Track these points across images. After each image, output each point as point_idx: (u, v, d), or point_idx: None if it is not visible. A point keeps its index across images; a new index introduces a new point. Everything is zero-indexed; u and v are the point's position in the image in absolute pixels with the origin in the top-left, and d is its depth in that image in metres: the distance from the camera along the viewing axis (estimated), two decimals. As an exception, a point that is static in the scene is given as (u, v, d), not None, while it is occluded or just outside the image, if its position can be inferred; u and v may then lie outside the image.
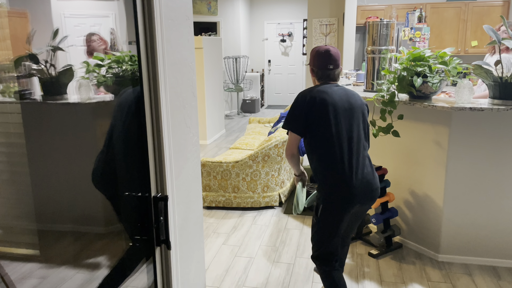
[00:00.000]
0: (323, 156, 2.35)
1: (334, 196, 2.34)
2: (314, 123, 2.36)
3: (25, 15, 1.36)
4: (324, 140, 2.35)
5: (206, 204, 4.47)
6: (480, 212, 3.17)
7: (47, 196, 1.60)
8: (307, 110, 2.37)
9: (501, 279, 3.04)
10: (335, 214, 2.36)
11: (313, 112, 2.36)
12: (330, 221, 2.38)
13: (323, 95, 2.38)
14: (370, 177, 2.38)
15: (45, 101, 1.51)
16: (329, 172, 2.34)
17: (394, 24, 3.58)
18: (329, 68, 2.48)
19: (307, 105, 2.37)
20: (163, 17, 1.30)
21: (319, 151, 2.37)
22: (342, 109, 2.38)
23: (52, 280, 1.64)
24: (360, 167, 2.35)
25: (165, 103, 1.34)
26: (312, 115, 2.36)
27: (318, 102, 2.35)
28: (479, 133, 3.04)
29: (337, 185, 2.32)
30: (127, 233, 1.59)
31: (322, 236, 2.44)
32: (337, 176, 2.31)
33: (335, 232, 2.39)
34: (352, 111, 2.41)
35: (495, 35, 2.76)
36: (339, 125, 2.35)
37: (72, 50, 1.54)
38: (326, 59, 2.47)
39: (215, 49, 7.52)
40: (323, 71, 2.49)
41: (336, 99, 2.38)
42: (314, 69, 2.53)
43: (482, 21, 6.50)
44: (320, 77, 2.51)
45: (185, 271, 1.61)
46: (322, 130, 2.35)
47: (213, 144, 7.27)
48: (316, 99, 2.36)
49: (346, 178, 2.30)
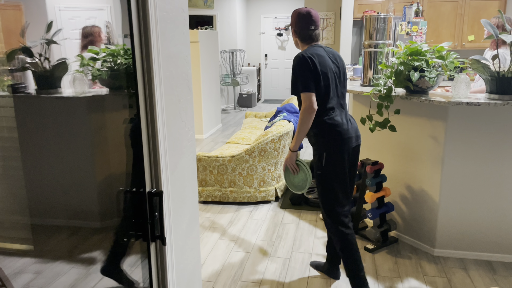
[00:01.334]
0: (325, 109, 2.63)
1: (336, 140, 2.63)
2: (318, 81, 2.58)
3: (19, 8, 1.34)
4: (326, 96, 2.62)
5: (202, 199, 4.46)
6: (475, 207, 3.17)
7: (41, 190, 1.58)
8: (314, 70, 2.56)
9: (496, 273, 3.05)
10: (340, 155, 2.64)
11: (318, 71, 2.56)
12: (336, 163, 2.65)
13: (320, 58, 2.59)
14: (355, 124, 2.78)
15: (39, 95, 1.49)
16: (331, 122, 2.63)
17: (391, 18, 3.56)
18: (311, 29, 2.66)
19: (312, 65, 2.56)
20: (157, 10, 1.28)
21: (321, 107, 2.62)
22: (335, 69, 2.68)
23: (47, 275, 1.63)
24: (348, 116, 2.76)
25: (160, 97, 1.32)
26: (317, 74, 2.56)
27: (320, 63, 2.57)
28: (475, 128, 3.03)
29: (338, 131, 2.63)
30: (122, 228, 1.58)
31: (332, 184, 2.68)
32: (337, 124, 2.63)
33: (344, 173, 2.68)
34: (341, 71, 2.72)
35: (493, 30, 2.75)
36: (335, 83, 2.66)
37: (67, 43, 1.52)
38: (308, 20, 2.66)
39: (212, 43, 7.48)
40: (306, 32, 2.67)
41: (331, 60, 2.65)
42: (296, 30, 2.70)
43: (479, 16, 6.48)
44: (303, 38, 2.69)
45: (181, 266, 1.60)
46: (324, 87, 2.60)
47: (210, 139, 7.25)
48: (317, 60, 2.57)
49: (343, 124, 2.65)
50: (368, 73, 3.68)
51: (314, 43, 2.70)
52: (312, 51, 2.62)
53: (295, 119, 4.92)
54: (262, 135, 4.32)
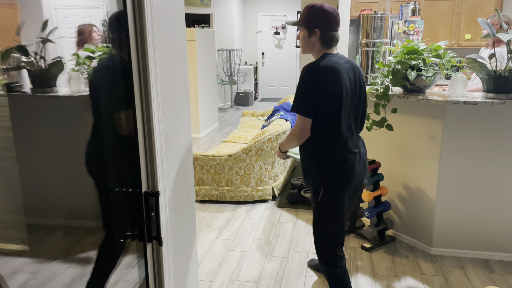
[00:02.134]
0: (329, 138, 2.22)
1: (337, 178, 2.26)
2: (324, 105, 2.16)
3: (14, 6, 1.33)
4: (331, 123, 2.20)
5: (199, 198, 4.45)
6: (472, 206, 3.18)
7: (37, 190, 1.57)
8: (320, 92, 2.13)
9: (493, 272, 3.06)
10: (340, 194, 2.28)
11: (326, 94, 2.14)
12: (335, 203, 2.29)
13: (335, 73, 2.14)
14: (365, 155, 2.38)
15: (35, 94, 1.48)
16: (333, 156, 2.24)
17: (388, 17, 3.55)
18: (337, 30, 2.23)
19: (320, 85, 2.13)
20: (153, 8, 1.27)
21: (325, 134, 2.22)
22: (352, 89, 2.22)
23: (42, 275, 1.62)
24: (360, 146, 2.34)
25: (156, 96, 1.31)
26: (324, 97, 2.14)
27: (331, 82, 2.13)
28: (472, 127, 3.04)
29: (342, 168, 2.25)
30: (118, 229, 1.57)
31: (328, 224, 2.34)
32: (340, 160, 2.24)
33: (342, 212, 2.32)
34: (360, 91, 2.30)
35: (490, 28, 2.75)
36: (349, 105, 2.22)
37: (63, 41, 1.51)
38: (336, 20, 2.21)
39: (208, 42, 7.46)
40: (332, 34, 2.21)
41: (346, 78, 2.18)
42: (320, 30, 2.21)
43: (475, 14, 6.49)
44: (328, 40, 2.22)
45: (177, 267, 1.60)
46: (331, 113, 2.17)
47: (206, 138, 7.24)
48: (328, 78, 2.13)
49: (349, 161, 2.24)
50: (365, 72, 3.67)
51: (331, 50, 2.27)
52: (328, 62, 2.16)
53: (292, 118, 4.91)
54: (259, 134, 4.32)
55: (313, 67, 2.17)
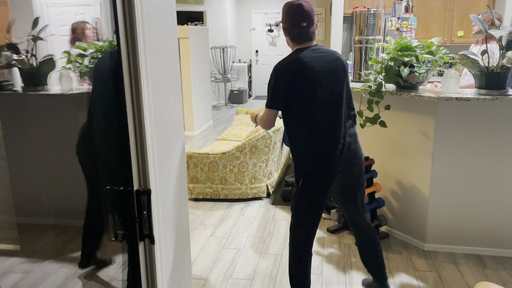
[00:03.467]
0: (305, 129, 2.27)
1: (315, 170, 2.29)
2: (294, 99, 2.23)
3: (5, 3, 1.31)
4: (305, 114, 2.24)
5: (193, 196, 4.44)
6: (465, 202, 3.19)
7: (27, 190, 1.56)
8: (286, 86, 2.21)
9: (486, 267, 3.07)
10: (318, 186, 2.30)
11: (293, 87, 2.21)
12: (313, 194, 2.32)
13: (299, 67, 2.19)
14: (353, 147, 2.33)
15: (25, 92, 1.47)
16: (309, 148, 2.28)
17: (381, 13, 3.56)
18: (302, 26, 2.24)
19: (286, 80, 2.20)
20: (143, 5, 1.26)
21: (300, 125, 2.27)
22: (328, 80, 2.24)
23: (35, 275, 1.61)
24: (347, 136, 2.31)
25: (147, 94, 1.30)
26: (292, 90, 2.21)
27: (295, 76, 2.19)
28: (465, 123, 3.05)
29: (318, 160, 2.27)
30: (110, 228, 1.56)
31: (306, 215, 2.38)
32: (317, 151, 2.26)
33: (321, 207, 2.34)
34: (340, 82, 2.29)
35: (482, 25, 2.76)
36: (321, 98, 2.23)
37: (54, 39, 1.49)
38: (299, 15, 2.24)
39: (202, 39, 7.43)
40: (297, 30, 2.26)
41: (316, 69, 2.21)
42: (286, 27, 2.30)
43: (468, 11, 6.52)
44: (294, 36, 2.28)
45: (170, 265, 1.59)
46: (303, 105, 2.23)
47: (201, 135, 7.22)
48: (291, 73, 2.19)
49: (329, 149, 2.25)
50: (358, 69, 3.68)
51: (305, 44, 2.29)
52: (294, 58, 2.23)
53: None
54: (253, 131, 4.31)
55: (278, 64, 2.27)
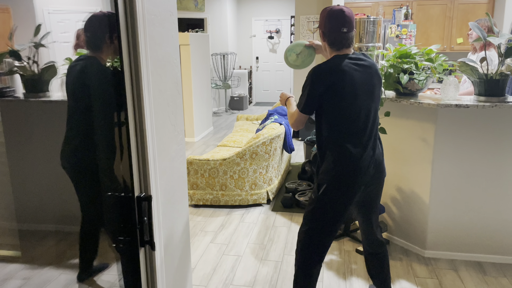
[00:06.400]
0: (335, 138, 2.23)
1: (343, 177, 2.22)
2: (329, 106, 2.20)
3: (7, 11, 1.32)
4: (334, 122, 2.22)
5: (193, 202, 4.44)
6: (465, 208, 3.19)
7: (29, 196, 1.56)
8: (322, 93, 2.18)
9: (487, 274, 3.07)
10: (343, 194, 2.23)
11: (329, 95, 2.17)
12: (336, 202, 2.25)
13: (342, 76, 2.15)
14: (379, 159, 2.30)
15: (27, 99, 1.48)
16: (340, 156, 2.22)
17: (380, 21, 3.58)
18: (343, 31, 2.20)
19: (323, 87, 2.17)
20: (145, 12, 1.27)
21: (331, 132, 2.24)
22: (362, 90, 2.20)
23: (35, 282, 1.61)
24: (377, 148, 2.29)
25: (148, 100, 1.31)
26: (327, 98, 2.18)
27: (336, 85, 2.15)
28: (464, 130, 3.06)
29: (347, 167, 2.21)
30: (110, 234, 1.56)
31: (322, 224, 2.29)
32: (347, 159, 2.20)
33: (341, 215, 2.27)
34: (372, 93, 2.25)
35: (481, 32, 2.78)
36: (355, 110, 2.19)
37: (56, 46, 1.50)
38: (340, 20, 2.20)
39: (203, 46, 7.47)
40: (337, 35, 2.21)
41: (356, 81, 2.18)
42: (325, 32, 2.25)
43: (467, 19, 6.55)
44: (333, 42, 2.24)
45: (171, 272, 1.59)
46: (336, 113, 2.20)
47: (201, 142, 7.23)
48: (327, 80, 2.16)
49: (356, 159, 2.20)
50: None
51: (344, 51, 2.25)
52: (334, 65, 2.17)
53: (286, 121, 4.92)
54: (254, 138, 4.32)
55: (317, 69, 2.21)
